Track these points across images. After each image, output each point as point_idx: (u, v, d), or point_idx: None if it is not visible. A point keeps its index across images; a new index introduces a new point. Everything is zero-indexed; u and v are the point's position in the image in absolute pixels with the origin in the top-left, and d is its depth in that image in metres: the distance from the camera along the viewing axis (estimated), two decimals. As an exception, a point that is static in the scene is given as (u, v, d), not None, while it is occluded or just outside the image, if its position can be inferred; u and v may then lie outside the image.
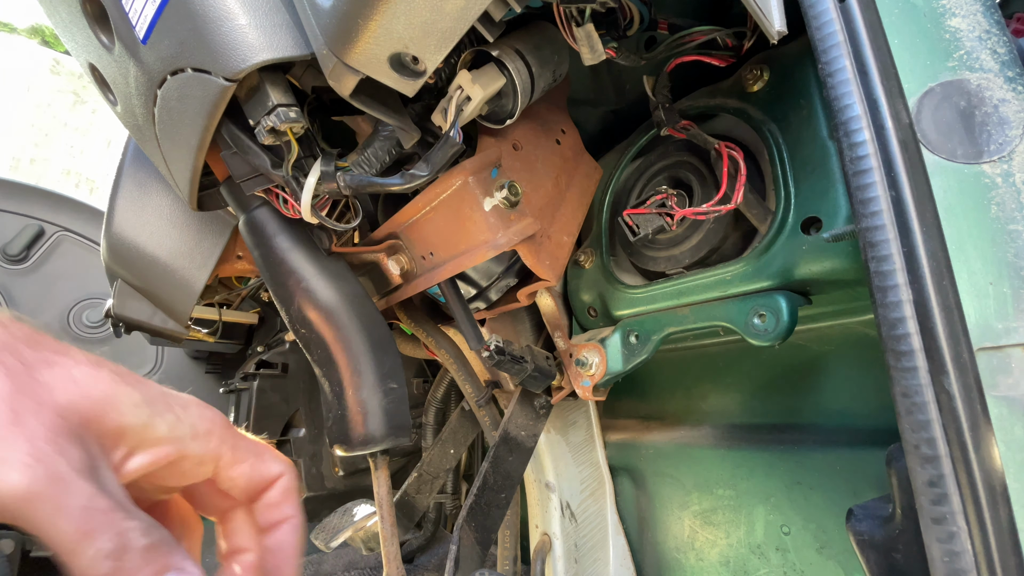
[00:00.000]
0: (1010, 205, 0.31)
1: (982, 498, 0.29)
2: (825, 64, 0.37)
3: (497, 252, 0.54)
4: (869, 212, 0.34)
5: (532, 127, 0.63)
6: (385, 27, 0.37)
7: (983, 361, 0.30)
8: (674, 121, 0.57)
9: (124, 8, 0.46)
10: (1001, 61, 0.34)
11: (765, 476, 0.61)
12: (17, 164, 4.72)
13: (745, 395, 0.67)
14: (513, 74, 0.50)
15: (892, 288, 0.32)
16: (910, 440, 0.31)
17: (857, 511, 0.38)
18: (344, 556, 1.15)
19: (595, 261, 0.69)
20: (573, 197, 0.66)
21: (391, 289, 0.69)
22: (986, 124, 0.33)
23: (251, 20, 0.42)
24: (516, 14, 0.45)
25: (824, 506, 0.56)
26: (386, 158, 0.53)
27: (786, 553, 0.58)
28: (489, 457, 0.66)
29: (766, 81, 0.54)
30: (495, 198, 0.54)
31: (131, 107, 0.55)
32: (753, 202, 0.53)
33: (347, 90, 0.42)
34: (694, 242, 0.57)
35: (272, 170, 0.52)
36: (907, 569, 0.33)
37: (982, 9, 0.35)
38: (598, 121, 0.77)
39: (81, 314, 1.81)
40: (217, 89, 0.44)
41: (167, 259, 0.76)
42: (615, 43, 0.55)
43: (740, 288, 0.52)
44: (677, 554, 0.71)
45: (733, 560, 0.64)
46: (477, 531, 0.62)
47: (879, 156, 0.34)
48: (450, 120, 0.49)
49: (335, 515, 0.94)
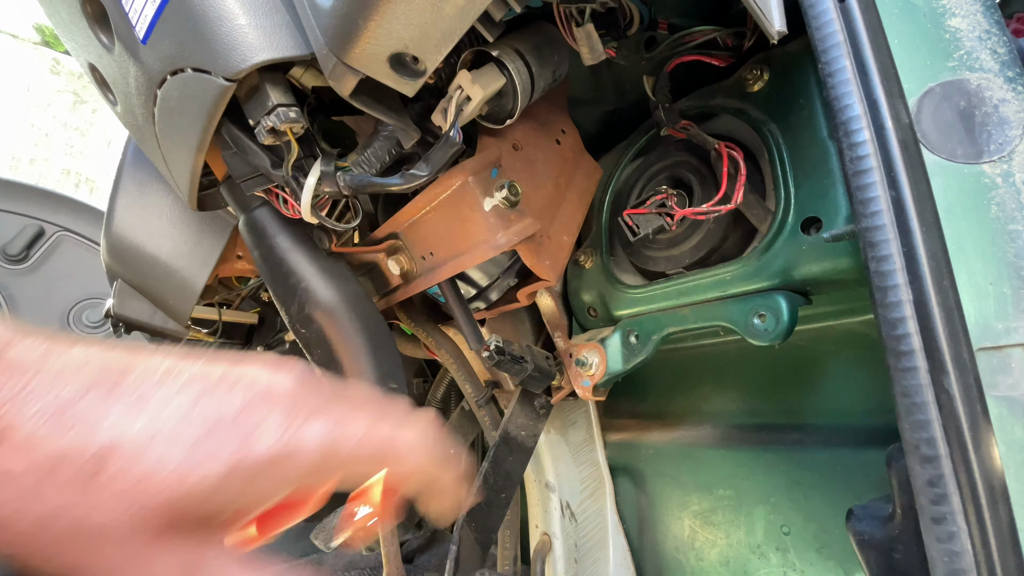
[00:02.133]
0: (1010, 205, 0.31)
1: (982, 498, 0.29)
2: (825, 64, 0.37)
3: (497, 252, 0.54)
4: (869, 212, 0.34)
5: (532, 127, 0.63)
6: (385, 27, 0.37)
7: (983, 361, 0.30)
8: (674, 121, 0.57)
9: (124, 8, 0.46)
10: (1001, 61, 0.34)
11: (765, 476, 0.61)
12: (17, 164, 4.71)
13: (745, 395, 0.67)
14: (513, 74, 0.50)
15: (892, 288, 0.32)
16: (910, 440, 0.31)
17: (857, 511, 0.38)
18: (344, 556, 1.15)
19: (595, 261, 0.69)
20: (573, 197, 0.66)
21: (391, 289, 0.69)
22: (986, 124, 0.33)
23: (251, 20, 0.42)
24: (516, 14, 0.45)
25: (824, 506, 0.56)
26: (386, 158, 0.53)
27: (786, 553, 0.58)
28: (489, 457, 0.66)
29: (766, 81, 0.54)
30: (495, 198, 0.54)
31: (131, 107, 0.55)
32: (753, 202, 0.53)
33: (347, 90, 0.42)
34: (694, 242, 0.57)
35: (272, 170, 0.52)
36: (907, 569, 0.33)
37: (982, 9, 0.35)
38: (598, 121, 0.77)
39: (81, 314, 1.81)
40: (217, 89, 0.44)
41: (167, 259, 0.76)
42: (615, 43, 0.55)
43: (740, 288, 0.52)
44: (677, 554, 0.71)
45: (733, 560, 0.64)
46: (477, 531, 0.62)
47: (879, 156, 0.34)
48: (450, 120, 0.49)
49: (335, 515, 0.94)
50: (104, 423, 0.22)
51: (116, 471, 0.21)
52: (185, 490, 0.22)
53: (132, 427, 0.22)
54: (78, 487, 0.21)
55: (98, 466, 0.21)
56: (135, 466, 0.22)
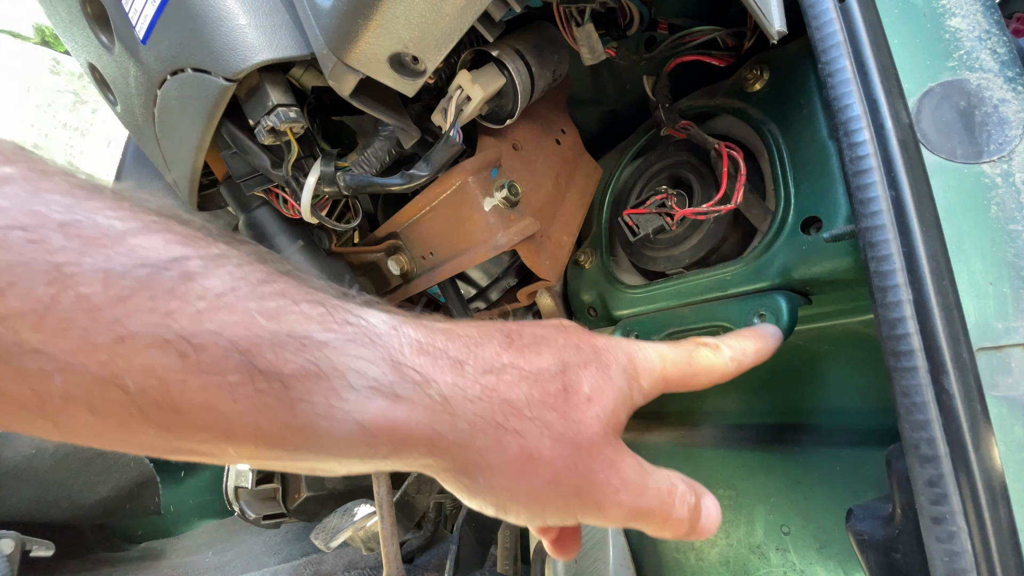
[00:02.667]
0: (1010, 205, 0.31)
1: (982, 498, 0.29)
2: (825, 64, 0.37)
3: (497, 252, 0.54)
4: (869, 212, 0.34)
5: (532, 127, 0.63)
6: (385, 27, 0.37)
7: (983, 361, 0.30)
8: (674, 121, 0.57)
9: (124, 8, 0.46)
10: (1001, 61, 0.34)
11: (765, 476, 0.61)
12: (17, 164, 4.71)
13: (745, 395, 0.67)
14: (513, 74, 0.50)
15: (892, 288, 0.32)
16: (910, 440, 0.31)
17: (857, 511, 0.38)
18: (344, 556, 1.15)
19: (595, 261, 0.69)
20: (573, 197, 0.66)
21: (391, 289, 0.69)
22: (986, 124, 0.33)
23: (251, 20, 0.42)
24: (516, 14, 0.45)
25: (824, 506, 0.56)
26: (386, 158, 0.53)
27: (786, 553, 0.58)
28: (489, 457, 0.66)
29: (766, 81, 0.54)
30: (495, 198, 0.54)
31: (131, 107, 0.55)
32: (753, 202, 0.53)
33: (347, 90, 0.42)
34: (694, 242, 0.57)
35: (272, 170, 0.52)
36: (907, 569, 0.33)
37: (982, 9, 0.35)
38: (598, 121, 0.77)
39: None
40: (217, 89, 0.44)
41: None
42: (615, 43, 0.55)
43: (740, 288, 0.52)
44: (677, 554, 0.71)
45: (733, 560, 0.64)
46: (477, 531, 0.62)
47: (879, 156, 0.34)
48: (450, 120, 0.49)
49: (335, 515, 0.94)
50: (582, 377, 0.30)
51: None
52: (631, 406, 0.32)
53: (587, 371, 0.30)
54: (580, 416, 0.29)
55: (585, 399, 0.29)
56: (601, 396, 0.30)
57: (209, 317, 0.20)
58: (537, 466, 0.27)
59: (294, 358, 0.22)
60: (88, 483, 1.16)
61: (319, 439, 0.23)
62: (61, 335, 0.18)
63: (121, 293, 0.19)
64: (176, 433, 0.21)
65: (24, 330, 0.17)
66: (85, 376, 0.18)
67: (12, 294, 0.17)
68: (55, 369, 0.18)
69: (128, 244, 0.20)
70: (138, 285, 0.19)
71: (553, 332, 0.31)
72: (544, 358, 0.29)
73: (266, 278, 0.22)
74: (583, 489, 0.28)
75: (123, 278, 0.19)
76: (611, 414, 0.30)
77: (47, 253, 0.18)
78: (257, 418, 0.21)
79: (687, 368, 0.35)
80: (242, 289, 0.21)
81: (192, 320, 0.20)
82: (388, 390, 0.24)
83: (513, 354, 0.28)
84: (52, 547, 1.07)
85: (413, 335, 0.26)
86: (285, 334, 0.22)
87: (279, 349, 0.21)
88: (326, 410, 0.22)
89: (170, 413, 0.20)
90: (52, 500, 1.13)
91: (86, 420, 0.19)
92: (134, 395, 0.19)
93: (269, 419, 0.21)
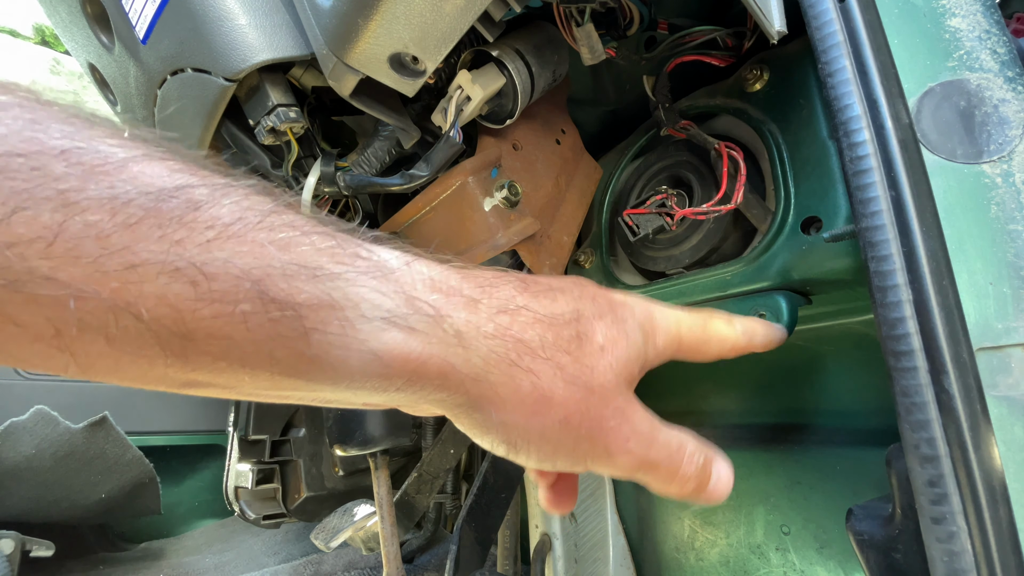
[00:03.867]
0: (1010, 205, 0.31)
1: (982, 498, 0.29)
2: (825, 64, 0.37)
3: (497, 252, 0.54)
4: (869, 212, 0.34)
5: (532, 127, 0.63)
6: (385, 27, 0.37)
7: (983, 361, 0.30)
8: (674, 121, 0.57)
9: (124, 8, 0.46)
10: (1001, 61, 0.34)
11: (765, 476, 0.61)
12: (17, 164, 4.71)
13: (745, 395, 0.67)
14: (513, 74, 0.50)
15: (892, 288, 0.32)
16: (910, 440, 0.31)
17: (857, 511, 0.38)
18: (344, 556, 1.15)
19: (595, 261, 0.69)
20: (573, 197, 0.66)
21: (391, 289, 0.69)
22: (986, 124, 0.33)
23: (251, 20, 0.42)
24: (516, 14, 0.45)
25: (824, 506, 0.56)
26: (386, 158, 0.53)
27: (786, 553, 0.58)
28: (489, 457, 0.66)
29: (766, 81, 0.54)
30: (495, 198, 0.54)
31: (131, 107, 0.55)
32: (753, 202, 0.53)
33: (347, 90, 0.43)
34: (694, 242, 0.57)
35: (272, 170, 0.52)
36: (907, 569, 0.33)
37: (982, 9, 0.35)
38: (598, 121, 0.77)
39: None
40: (217, 89, 0.44)
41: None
42: (615, 43, 0.55)
43: (740, 288, 0.52)
44: (677, 554, 0.71)
45: (733, 560, 0.64)
46: (477, 531, 0.62)
47: (879, 156, 0.34)
48: (450, 120, 0.49)
49: (335, 515, 0.94)
50: (594, 326, 0.30)
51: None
52: (644, 361, 0.32)
53: (602, 322, 0.30)
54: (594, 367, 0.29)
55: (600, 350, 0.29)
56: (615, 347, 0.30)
57: (219, 246, 0.20)
58: (550, 406, 0.27)
59: (307, 287, 0.21)
60: (88, 483, 1.16)
61: (334, 369, 0.22)
62: (72, 262, 0.17)
63: (128, 220, 0.18)
64: (193, 363, 0.20)
65: (34, 257, 0.17)
66: (99, 304, 0.18)
67: (18, 221, 0.17)
68: (69, 295, 0.17)
69: (131, 171, 0.19)
70: (145, 213, 0.19)
71: (570, 284, 0.32)
72: (559, 304, 0.29)
73: (274, 209, 0.22)
74: (594, 433, 0.28)
75: (128, 205, 0.18)
76: (624, 365, 0.30)
77: (51, 180, 0.17)
78: (271, 347, 0.21)
79: (701, 334, 0.35)
80: (250, 219, 0.21)
81: (202, 249, 0.19)
82: (402, 322, 0.24)
83: (528, 298, 0.28)
84: (52, 547, 1.07)
85: (427, 272, 0.26)
86: (297, 264, 0.21)
87: (291, 279, 0.21)
88: (340, 340, 0.22)
89: (185, 342, 0.20)
90: (52, 500, 1.13)
91: (102, 351, 0.19)
92: (148, 323, 0.19)
93: (283, 348, 0.21)
